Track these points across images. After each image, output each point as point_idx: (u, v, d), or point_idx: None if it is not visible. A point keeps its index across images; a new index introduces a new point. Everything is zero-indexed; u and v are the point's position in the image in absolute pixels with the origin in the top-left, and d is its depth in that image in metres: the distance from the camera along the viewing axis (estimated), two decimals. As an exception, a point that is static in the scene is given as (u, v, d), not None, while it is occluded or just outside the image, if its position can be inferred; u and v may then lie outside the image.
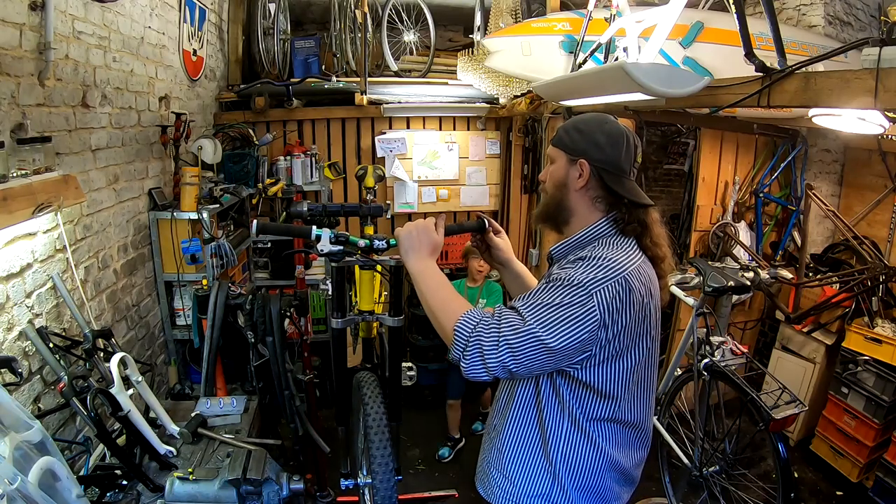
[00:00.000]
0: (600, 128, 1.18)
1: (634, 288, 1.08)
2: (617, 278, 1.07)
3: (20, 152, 1.60)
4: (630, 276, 1.08)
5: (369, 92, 3.80)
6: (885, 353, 2.74)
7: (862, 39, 1.48)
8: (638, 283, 1.09)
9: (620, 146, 1.17)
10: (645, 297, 1.11)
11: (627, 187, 1.18)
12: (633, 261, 1.11)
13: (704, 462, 2.24)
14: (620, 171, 1.17)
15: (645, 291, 1.11)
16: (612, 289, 1.06)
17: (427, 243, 1.25)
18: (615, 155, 1.17)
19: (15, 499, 1.06)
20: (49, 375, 1.73)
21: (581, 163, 1.18)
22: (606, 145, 1.17)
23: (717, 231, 3.48)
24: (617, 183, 1.17)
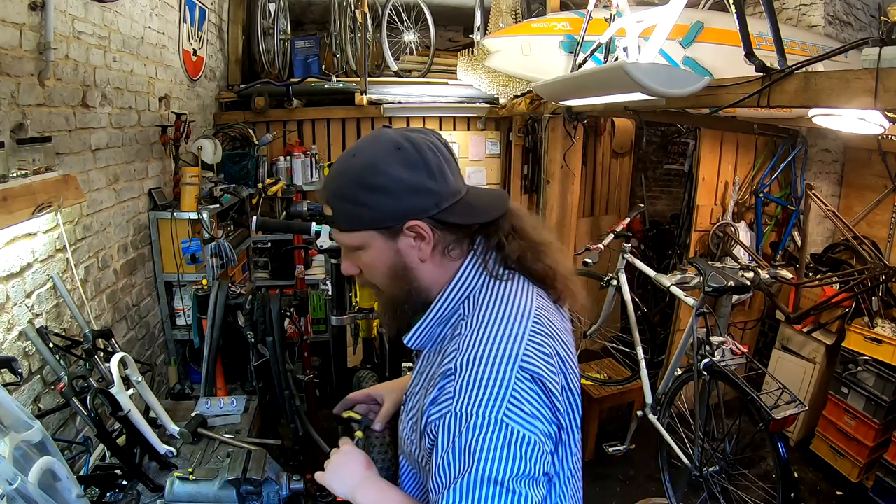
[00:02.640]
0: (389, 169, 0.77)
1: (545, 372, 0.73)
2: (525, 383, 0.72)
3: (20, 152, 1.60)
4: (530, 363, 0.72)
5: (369, 92, 3.80)
6: (885, 353, 2.74)
7: (862, 39, 1.48)
8: (544, 358, 0.74)
9: (438, 162, 0.80)
10: (563, 362, 0.78)
11: (474, 207, 0.83)
12: (523, 323, 0.76)
13: (704, 462, 2.24)
14: (457, 192, 0.82)
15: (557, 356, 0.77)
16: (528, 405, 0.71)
17: (349, 471, 0.90)
18: (443, 181, 0.80)
19: (15, 499, 1.06)
20: (49, 375, 1.73)
21: (411, 225, 0.79)
22: (428, 178, 0.78)
23: (717, 231, 3.48)
24: (465, 213, 0.82)
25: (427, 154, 0.79)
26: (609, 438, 2.92)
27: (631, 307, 2.69)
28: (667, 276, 2.52)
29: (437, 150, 0.80)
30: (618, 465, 3.18)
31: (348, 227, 0.82)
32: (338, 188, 0.81)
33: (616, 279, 2.82)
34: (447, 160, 0.81)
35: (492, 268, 0.82)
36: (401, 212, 0.78)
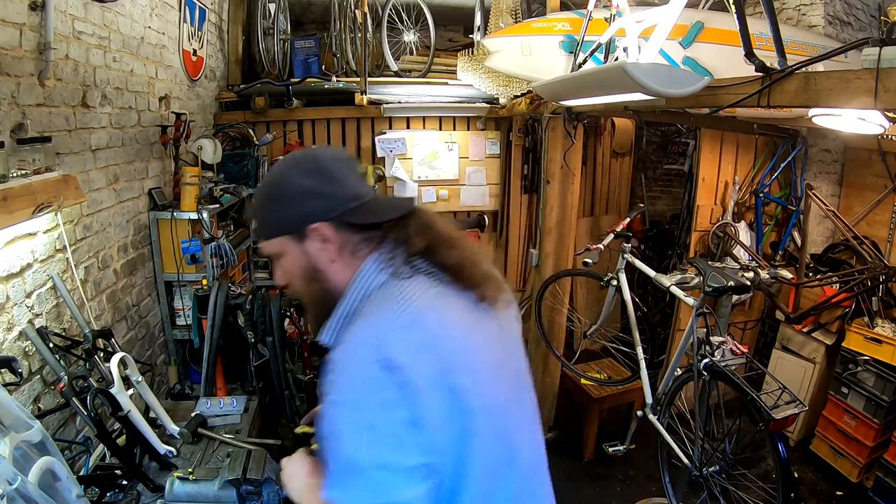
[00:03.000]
0: (291, 178, 0.87)
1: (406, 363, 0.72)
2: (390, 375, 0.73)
3: (20, 152, 1.60)
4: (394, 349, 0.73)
5: (369, 92, 3.80)
6: (885, 353, 2.74)
7: (862, 39, 1.48)
8: (410, 350, 0.74)
9: (336, 169, 0.88)
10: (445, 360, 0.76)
11: (376, 210, 0.88)
12: (397, 317, 0.77)
13: (704, 462, 2.24)
14: (357, 197, 0.87)
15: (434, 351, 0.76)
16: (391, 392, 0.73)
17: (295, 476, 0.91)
18: (341, 186, 0.87)
19: (15, 499, 1.06)
20: (49, 375, 1.73)
21: (314, 228, 0.85)
22: (326, 183, 0.86)
23: (717, 231, 3.48)
24: (366, 214, 0.87)
25: (325, 163, 0.88)
26: (609, 438, 2.92)
27: (631, 307, 2.69)
28: (667, 276, 2.52)
29: (336, 160, 0.89)
30: (618, 465, 3.18)
31: (265, 235, 0.91)
32: (255, 203, 0.93)
33: (616, 279, 2.82)
34: (349, 168, 0.89)
35: (395, 267, 0.84)
36: (303, 216, 0.85)
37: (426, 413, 0.71)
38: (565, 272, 3.28)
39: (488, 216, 4.18)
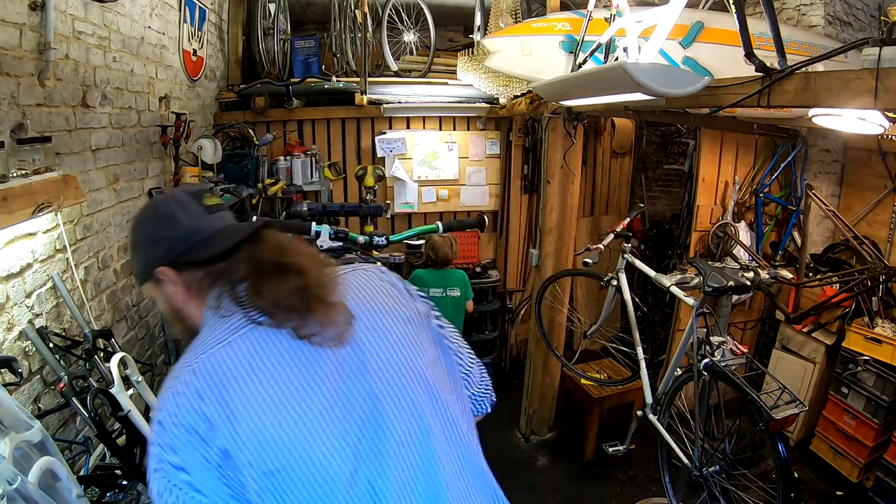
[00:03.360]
0: (138, 227, 0.94)
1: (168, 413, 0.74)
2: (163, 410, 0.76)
3: (20, 152, 1.60)
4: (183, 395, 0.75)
5: (369, 92, 3.81)
6: (885, 353, 2.74)
7: (862, 39, 1.48)
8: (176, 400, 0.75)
9: (170, 210, 0.89)
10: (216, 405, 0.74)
11: (211, 243, 0.88)
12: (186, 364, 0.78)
13: (704, 462, 2.24)
14: (195, 234, 0.88)
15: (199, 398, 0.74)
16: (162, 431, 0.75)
17: None
18: (174, 226, 0.88)
19: (15, 499, 1.06)
20: (49, 375, 1.73)
21: (158, 272, 0.89)
22: (160, 227, 0.89)
23: (717, 231, 3.48)
24: (200, 250, 0.87)
25: (162, 207, 0.91)
26: (609, 438, 2.92)
27: (631, 307, 2.69)
28: (667, 276, 2.52)
29: (176, 200, 0.91)
30: (618, 465, 3.18)
31: (138, 283, 0.98)
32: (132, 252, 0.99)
33: (616, 279, 2.82)
34: (188, 206, 0.90)
35: (219, 302, 0.84)
36: (150, 262, 0.90)
37: (193, 465, 0.73)
38: (565, 272, 3.28)
39: (488, 216, 4.16)
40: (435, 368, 0.91)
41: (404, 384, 0.84)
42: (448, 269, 3.41)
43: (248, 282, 0.83)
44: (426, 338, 0.94)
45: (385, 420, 0.80)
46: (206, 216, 0.90)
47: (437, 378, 0.90)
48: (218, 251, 0.86)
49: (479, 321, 4.18)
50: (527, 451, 3.45)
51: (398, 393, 0.82)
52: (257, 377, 0.76)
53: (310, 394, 0.77)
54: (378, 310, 0.90)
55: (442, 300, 3.37)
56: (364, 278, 0.95)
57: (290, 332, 0.80)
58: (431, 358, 0.91)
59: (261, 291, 0.81)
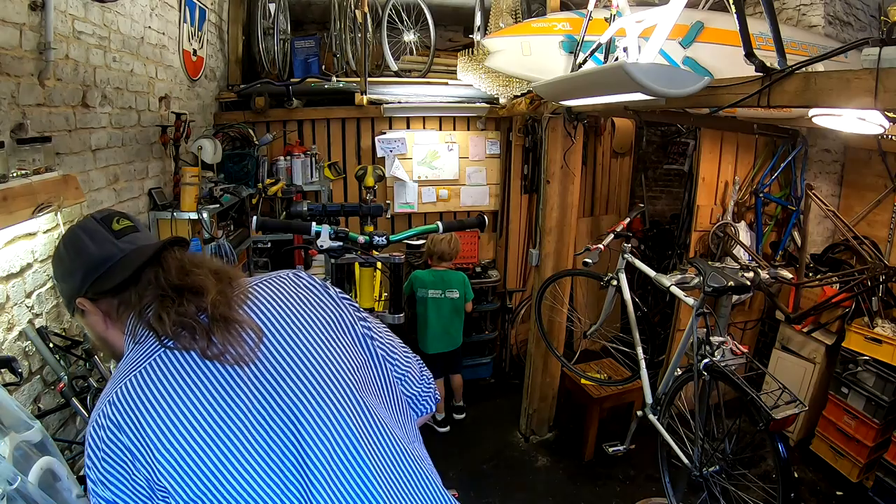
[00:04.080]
0: (55, 261, 0.94)
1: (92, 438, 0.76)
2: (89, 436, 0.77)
3: (20, 152, 1.60)
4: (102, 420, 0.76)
5: (369, 92, 3.80)
6: (885, 353, 2.74)
7: (862, 39, 1.48)
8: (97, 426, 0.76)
9: (76, 242, 0.89)
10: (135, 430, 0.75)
11: (121, 268, 0.86)
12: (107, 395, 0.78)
13: (704, 462, 2.24)
14: (104, 261, 0.87)
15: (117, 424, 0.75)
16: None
17: None
18: (81, 257, 0.88)
19: (15, 499, 1.06)
20: (49, 375, 1.73)
21: (77, 304, 0.89)
22: (70, 260, 0.89)
23: (717, 231, 3.48)
24: (111, 277, 0.86)
25: (68, 239, 0.91)
26: (609, 438, 2.92)
27: (631, 307, 2.69)
28: (667, 276, 2.52)
29: (80, 229, 0.90)
30: (618, 465, 3.18)
31: (70, 314, 1.00)
32: None
33: (616, 279, 2.82)
34: (91, 234, 0.89)
35: (133, 330, 0.84)
36: (69, 294, 0.90)
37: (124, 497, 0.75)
38: (565, 272, 3.28)
39: (488, 216, 4.16)
40: (360, 373, 0.89)
41: (324, 395, 0.81)
42: (447, 271, 3.42)
43: (152, 307, 0.81)
44: (350, 342, 0.91)
45: (307, 435, 0.78)
46: (114, 242, 0.88)
47: (363, 383, 0.88)
48: (122, 278, 0.85)
49: (479, 321, 4.18)
50: (527, 451, 3.45)
51: (318, 405, 0.80)
52: (170, 402, 0.75)
53: (225, 416, 0.76)
54: (290, 320, 0.87)
55: (441, 301, 3.38)
56: (275, 287, 0.91)
57: (198, 354, 0.79)
58: (356, 363, 0.89)
59: (161, 316, 0.79)
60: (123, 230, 0.90)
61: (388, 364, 0.97)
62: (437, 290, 3.37)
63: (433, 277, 3.37)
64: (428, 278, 3.37)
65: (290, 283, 0.93)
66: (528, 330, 3.91)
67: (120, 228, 0.90)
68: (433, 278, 3.37)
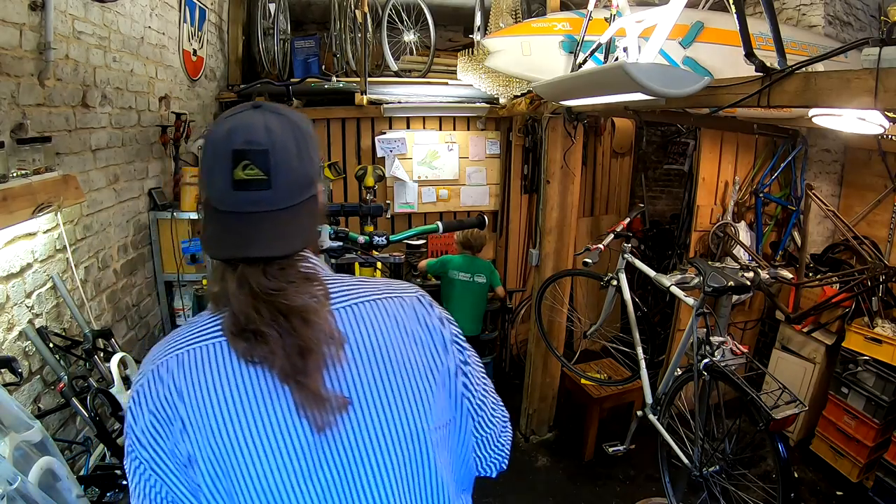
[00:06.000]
0: (208, 133, 0.77)
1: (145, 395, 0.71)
2: (135, 386, 0.74)
3: (20, 152, 1.60)
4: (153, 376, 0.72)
5: (369, 92, 3.80)
6: (885, 353, 2.74)
7: (862, 39, 1.48)
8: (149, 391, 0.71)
9: (209, 161, 0.73)
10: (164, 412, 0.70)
11: (214, 228, 0.74)
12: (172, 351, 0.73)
13: (704, 462, 2.24)
14: (211, 203, 0.75)
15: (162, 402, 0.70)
16: (130, 402, 0.73)
17: None
18: (203, 176, 0.75)
19: (15, 498, 1.06)
20: (49, 375, 1.73)
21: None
22: (202, 162, 0.76)
23: (717, 231, 3.48)
24: (207, 223, 0.75)
25: (209, 145, 0.75)
26: (609, 438, 2.92)
27: (631, 307, 2.69)
28: (667, 276, 2.52)
29: (213, 147, 0.75)
30: (618, 465, 3.18)
31: None
32: None
33: (616, 279, 2.82)
34: (221, 165, 0.72)
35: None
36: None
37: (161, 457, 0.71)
38: (565, 272, 3.28)
39: (488, 216, 4.17)
40: (439, 432, 0.80)
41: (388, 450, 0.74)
42: (476, 258, 3.62)
43: (244, 314, 0.70)
44: (444, 398, 0.81)
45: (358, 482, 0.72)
46: (229, 192, 0.71)
47: (437, 443, 0.79)
48: (213, 253, 0.75)
49: (478, 321, 4.19)
50: (527, 451, 3.45)
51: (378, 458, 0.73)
52: (237, 393, 0.70)
53: (286, 431, 0.70)
54: (382, 361, 0.76)
55: (469, 284, 3.57)
56: (383, 315, 0.79)
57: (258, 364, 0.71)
58: (439, 422, 0.80)
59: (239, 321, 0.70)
60: (242, 182, 0.71)
61: (470, 422, 0.87)
62: (467, 273, 3.55)
63: (465, 262, 3.58)
64: (459, 262, 3.58)
65: (400, 314, 0.80)
66: (528, 330, 3.91)
67: (239, 179, 0.70)
68: (465, 262, 3.57)
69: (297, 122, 0.76)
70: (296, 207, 0.74)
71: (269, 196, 0.71)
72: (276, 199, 0.71)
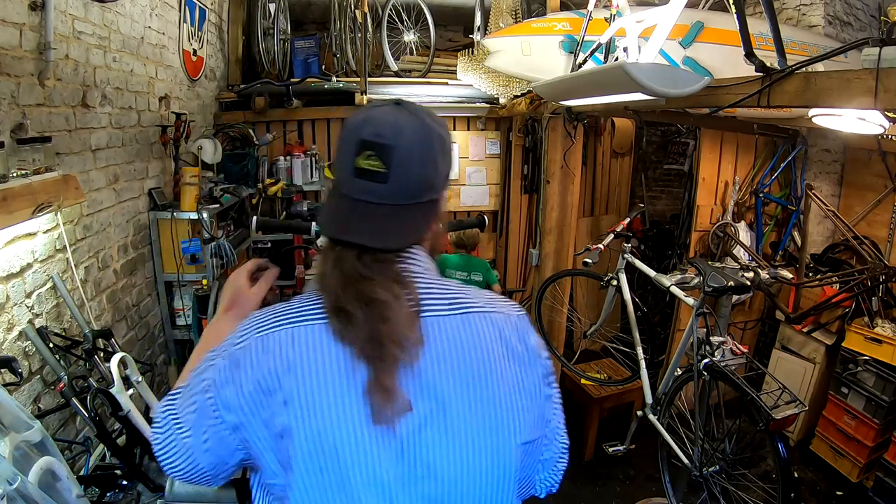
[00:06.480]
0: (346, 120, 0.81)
1: (246, 366, 0.72)
2: (237, 348, 0.74)
3: (20, 152, 1.60)
4: (254, 346, 0.72)
5: (369, 92, 3.80)
6: (885, 353, 2.74)
7: (862, 39, 1.48)
8: (256, 361, 0.72)
9: (340, 146, 0.77)
10: (267, 383, 0.71)
11: (331, 209, 0.77)
12: (277, 324, 0.74)
13: (704, 462, 2.24)
14: (336, 184, 0.78)
15: (268, 374, 0.71)
16: (225, 365, 0.73)
17: (226, 297, 0.98)
18: (335, 159, 0.79)
19: (15, 498, 1.06)
20: (49, 375, 1.73)
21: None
22: (336, 145, 0.79)
23: (717, 231, 3.48)
24: (328, 202, 0.80)
25: (346, 132, 0.78)
26: (609, 438, 2.92)
27: (631, 307, 2.69)
28: (667, 276, 2.52)
29: (346, 138, 0.77)
30: (618, 465, 3.18)
31: None
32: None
33: (616, 279, 2.82)
34: (346, 154, 0.75)
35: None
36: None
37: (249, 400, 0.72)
38: (565, 272, 3.28)
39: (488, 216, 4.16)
40: (521, 449, 0.80)
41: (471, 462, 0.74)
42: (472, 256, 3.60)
43: (333, 293, 0.72)
44: (532, 417, 0.81)
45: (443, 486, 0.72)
46: (350, 177, 0.74)
47: (519, 459, 0.80)
48: (323, 229, 0.78)
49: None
50: (527, 451, 3.45)
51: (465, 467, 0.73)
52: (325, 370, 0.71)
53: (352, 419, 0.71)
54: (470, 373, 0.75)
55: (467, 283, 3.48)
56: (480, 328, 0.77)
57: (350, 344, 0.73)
58: (525, 438, 0.80)
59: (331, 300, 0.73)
60: (362, 171, 0.73)
61: (544, 443, 0.87)
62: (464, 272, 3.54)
63: (460, 260, 3.56)
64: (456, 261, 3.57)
65: (509, 327, 0.80)
66: (528, 330, 3.91)
67: (360, 167, 0.73)
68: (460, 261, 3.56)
69: (433, 126, 0.79)
70: (408, 207, 0.75)
71: (384, 190, 0.72)
72: (389, 194, 0.73)
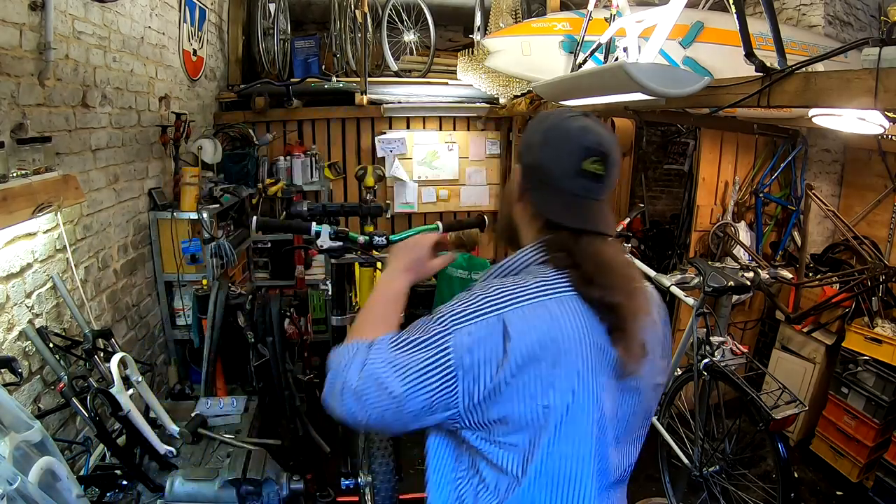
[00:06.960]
0: (543, 124, 0.91)
1: (512, 334, 0.77)
2: (486, 318, 0.78)
3: (20, 152, 1.60)
4: (511, 318, 0.78)
5: (369, 92, 3.80)
6: (885, 353, 2.74)
7: (862, 39, 1.48)
8: (522, 329, 0.78)
9: (556, 147, 0.86)
10: (536, 350, 0.78)
11: (555, 202, 0.87)
12: (531, 297, 0.81)
13: (704, 462, 2.24)
14: (548, 179, 0.86)
15: (537, 342, 0.78)
16: (475, 330, 0.78)
17: (407, 258, 1.05)
18: (545, 157, 0.87)
19: (15, 499, 1.06)
20: (49, 375, 1.73)
21: (516, 167, 0.94)
22: (539, 144, 0.88)
23: (717, 231, 3.47)
24: (542, 194, 0.88)
25: (558, 135, 0.90)
26: (609, 438, 2.91)
27: (631, 307, 2.68)
28: (667, 276, 2.52)
29: (571, 140, 0.88)
30: (618, 465, 3.18)
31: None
32: None
33: (616, 279, 2.82)
34: (570, 153, 0.87)
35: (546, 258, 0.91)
36: (520, 152, 0.97)
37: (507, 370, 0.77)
38: (565, 272, 3.28)
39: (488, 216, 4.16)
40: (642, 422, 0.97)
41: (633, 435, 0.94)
42: (473, 256, 3.64)
43: (567, 260, 0.85)
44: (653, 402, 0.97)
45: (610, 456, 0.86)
46: (573, 176, 0.85)
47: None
48: (568, 224, 0.86)
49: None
50: (527, 451, 3.45)
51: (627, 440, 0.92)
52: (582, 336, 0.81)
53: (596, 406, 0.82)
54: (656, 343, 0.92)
55: (466, 281, 3.57)
56: (658, 303, 0.96)
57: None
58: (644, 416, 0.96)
59: (582, 280, 0.83)
60: (589, 173, 0.86)
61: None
62: (465, 271, 3.58)
63: (461, 259, 3.59)
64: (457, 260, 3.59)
65: (663, 307, 0.98)
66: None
67: (586, 169, 0.85)
68: (461, 260, 3.59)
69: (615, 136, 0.96)
70: (607, 201, 0.90)
71: (600, 188, 0.87)
72: (604, 191, 0.88)
